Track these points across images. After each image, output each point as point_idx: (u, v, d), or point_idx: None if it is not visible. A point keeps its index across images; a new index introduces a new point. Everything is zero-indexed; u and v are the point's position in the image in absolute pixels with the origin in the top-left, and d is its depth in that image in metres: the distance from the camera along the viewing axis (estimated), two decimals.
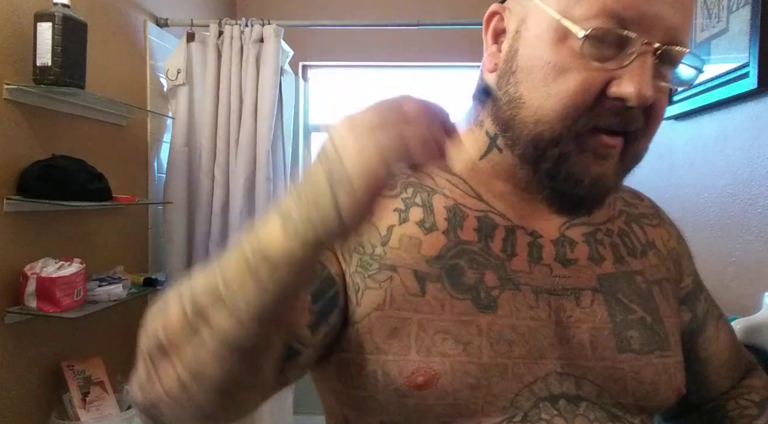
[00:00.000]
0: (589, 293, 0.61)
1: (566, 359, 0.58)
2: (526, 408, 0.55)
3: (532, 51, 0.55)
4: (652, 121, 0.56)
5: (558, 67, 0.53)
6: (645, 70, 0.52)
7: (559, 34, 0.53)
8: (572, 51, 0.53)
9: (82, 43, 1.55)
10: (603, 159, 0.55)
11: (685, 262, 0.72)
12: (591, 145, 0.54)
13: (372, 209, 0.42)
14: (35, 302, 1.47)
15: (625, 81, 0.52)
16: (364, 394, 0.56)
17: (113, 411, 1.60)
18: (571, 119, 0.53)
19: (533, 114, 0.55)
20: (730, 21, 1.27)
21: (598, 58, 0.52)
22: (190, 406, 0.48)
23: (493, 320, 0.56)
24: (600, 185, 0.56)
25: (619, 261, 0.64)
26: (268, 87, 2.15)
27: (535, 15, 0.56)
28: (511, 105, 0.57)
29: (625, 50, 0.52)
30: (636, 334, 0.60)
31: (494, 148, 0.62)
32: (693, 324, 0.71)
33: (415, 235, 0.59)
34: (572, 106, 0.53)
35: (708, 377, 0.73)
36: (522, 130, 0.56)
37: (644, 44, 0.52)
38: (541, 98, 0.54)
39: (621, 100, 0.52)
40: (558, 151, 0.55)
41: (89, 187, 1.60)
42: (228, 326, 0.45)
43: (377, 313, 0.56)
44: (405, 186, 0.63)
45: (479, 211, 0.62)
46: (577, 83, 0.53)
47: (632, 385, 0.58)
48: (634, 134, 0.55)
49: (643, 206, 0.73)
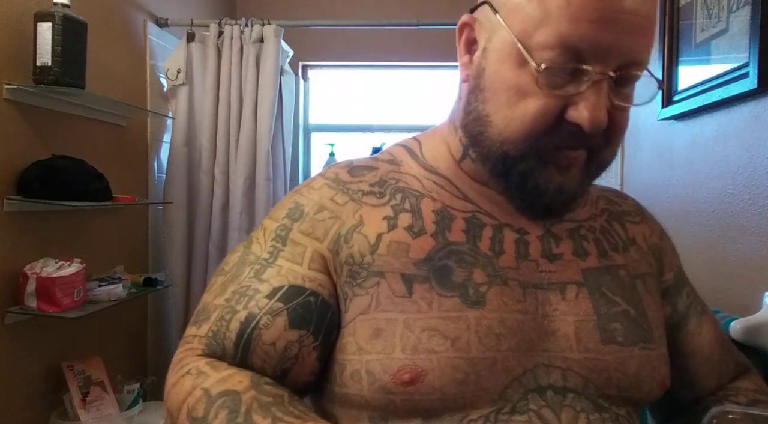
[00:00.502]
0: (574, 286, 0.62)
1: (552, 351, 0.59)
2: (515, 400, 0.56)
3: (497, 72, 0.58)
4: (613, 136, 0.58)
5: (520, 91, 0.56)
6: (600, 96, 0.54)
7: (520, 58, 0.55)
8: (532, 76, 0.55)
9: (82, 43, 1.55)
10: (566, 169, 0.59)
11: (666, 257, 0.74)
12: (554, 158, 0.58)
13: None
14: (35, 302, 1.47)
15: (580, 108, 0.54)
16: (349, 391, 0.58)
17: (113, 411, 1.60)
18: (533, 140, 0.56)
19: (499, 134, 0.58)
20: (730, 21, 1.27)
21: (554, 86, 0.55)
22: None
23: (482, 314, 0.58)
24: (564, 193, 0.60)
25: (602, 256, 0.66)
26: (268, 87, 2.15)
27: (500, 33, 0.58)
28: (480, 122, 0.60)
29: (581, 77, 0.54)
30: (619, 326, 0.62)
31: (467, 157, 0.65)
32: (674, 318, 0.73)
33: (404, 240, 0.61)
34: (533, 129, 0.56)
35: (692, 373, 0.74)
36: (490, 147, 0.59)
37: (598, 73, 0.54)
38: (505, 120, 0.57)
39: (576, 125, 0.55)
40: (522, 168, 0.58)
41: (89, 187, 1.60)
42: None
43: (362, 316, 0.58)
44: (394, 192, 0.64)
45: (467, 211, 0.64)
46: (536, 109, 0.55)
47: (616, 376, 0.60)
48: (596, 148, 0.58)
49: (626, 205, 0.75)
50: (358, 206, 0.63)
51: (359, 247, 0.60)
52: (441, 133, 0.69)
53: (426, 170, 0.66)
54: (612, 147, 0.60)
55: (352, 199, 0.64)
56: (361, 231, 0.61)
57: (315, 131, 2.97)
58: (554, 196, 0.59)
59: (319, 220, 0.63)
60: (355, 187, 0.65)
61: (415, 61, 2.86)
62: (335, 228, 0.62)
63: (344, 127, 2.94)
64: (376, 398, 0.56)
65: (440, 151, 0.67)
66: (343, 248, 0.61)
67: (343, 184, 0.65)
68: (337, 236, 0.62)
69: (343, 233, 0.61)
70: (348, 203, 0.63)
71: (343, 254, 0.61)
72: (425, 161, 0.67)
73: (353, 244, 0.61)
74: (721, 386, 0.75)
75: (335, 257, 0.61)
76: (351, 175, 0.67)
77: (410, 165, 0.67)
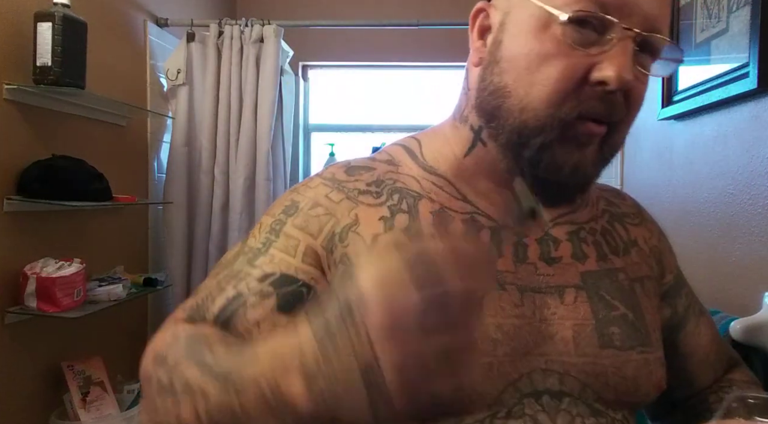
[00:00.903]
0: (572, 290, 0.62)
1: (550, 355, 0.59)
2: (510, 404, 0.56)
3: (515, 41, 0.57)
4: (631, 109, 0.58)
5: (541, 55, 0.55)
6: (625, 54, 0.54)
7: (542, 23, 0.55)
8: (555, 38, 0.54)
9: (82, 43, 1.55)
10: (583, 146, 0.57)
11: (666, 259, 0.74)
12: (575, 132, 0.56)
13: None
14: (35, 302, 1.47)
15: (605, 65, 0.53)
16: None
17: (113, 411, 1.60)
18: (555, 106, 0.55)
19: (519, 102, 0.56)
20: (730, 21, 1.27)
21: (579, 43, 0.54)
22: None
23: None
24: (580, 172, 0.58)
25: (602, 259, 0.65)
26: (268, 87, 2.15)
27: (519, 7, 0.58)
28: (496, 94, 0.58)
29: (606, 35, 0.54)
30: (618, 330, 0.61)
31: (478, 143, 0.63)
32: (673, 319, 0.73)
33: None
34: (556, 92, 0.54)
35: (690, 372, 0.74)
36: (507, 118, 0.58)
37: (624, 29, 0.53)
38: (525, 86, 0.56)
39: (602, 83, 0.54)
40: (541, 140, 0.56)
41: (89, 187, 1.60)
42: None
43: None
44: (391, 193, 0.63)
45: (465, 213, 0.63)
46: (559, 70, 0.54)
47: (614, 380, 0.59)
48: (615, 124, 0.57)
49: (625, 206, 0.74)
50: (353, 205, 0.62)
51: (355, 247, 0.60)
52: (442, 131, 0.68)
53: (425, 171, 0.66)
54: (628, 123, 0.59)
55: (347, 197, 0.63)
56: (356, 230, 0.60)
57: (315, 131, 2.97)
58: (569, 175, 0.57)
59: (312, 215, 0.62)
60: (352, 185, 0.64)
61: (415, 61, 2.86)
62: (329, 225, 0.61)
63: (344, 127, 2.94)
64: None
65: (441, 151, 0.66)
66: (337, 247, 0.60)
67: (339, 183, 0.65)
68: (331, 234, 0.61)
69: (338, 232, 0.61)
70: (343, 201, 0.63)
71: (337, 252, 0.60)
72: (424, 162, 0.66)
73: (348, 243, 0.60)
74: (715, 379, 0.76)
75: (329, 255, 0.60)
76: (347, 175, 0.66)
77: (409, 166, 0.67)
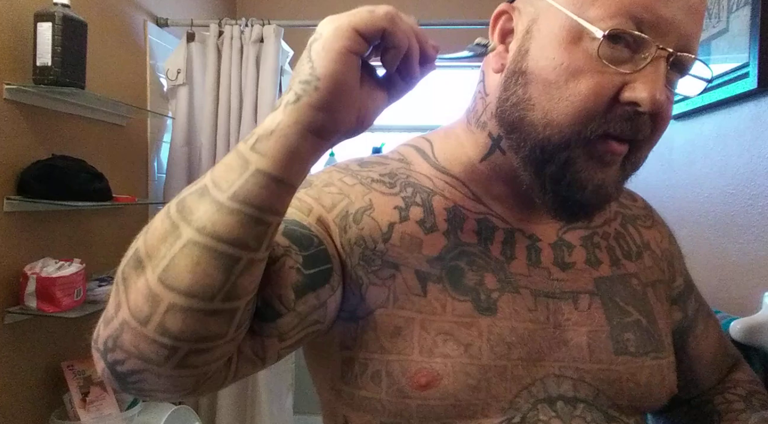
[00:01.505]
0: (586, 296, 0.61)
1: (564, 361, 0.58)
2: (525, 410, 0.55)
3: (543, 52, 0.54)
4: (657, 129, 0.55)
5: (571, 70, 0.52)
6: (658, 75, 0.51)
7: (573, 35, 0.52)
8: (586, 53, 0.52)
9: (82, 43, 1.55)
10: (607, 166, 0.55)
11: (677, 262, 0.73)
12: (598, 151, 0.53)
13: (340, 68, 0.44)
14: (35, 302, 1.47)
15: (639, 85, 0.51)
16: (367, 394, 0.56)
17: (113, 411, 1.60)
18: (581, 124, 0.52)
19: (543, 117, 0.54)
20: (730, 21, 1.27)
21: (612, 60, 0.51)
22: (152, 331, 0.43)
23: (493, 322, 0.56)
24: (602, 192, 0.55)
25: (615, 264, 0.65)
26: (268, 87, 2.15)
27: (548, 15, 0.55)
28: (519, 106, 0.55)
29: (640, 54, 0.51)
30: (632, 336, 0.61)
31: (497, 151, 0.61)
32: (684, 323, 0.72)
33: (416, 234, 0.59)
34: (584, 110, 0.52)
35: (697, 374, 0.75)
36: (530, 132, 0.55)
37: (659, 49, 0.51)
38: (552, 101, 0.53)
39: (634, 104, 0.51)
40: (565, 156, 0.54)
41: (89, 187, 1.60)
42: (207, 212, 0.43)
43: (381, 310, 0.56)
44: (404, 185, 0.62)
45: (478, 213, 0.62)
46: (589, 87, 0.52)
47: (628, 386, 0.59)
48: (639, 143, 0.55)
49: (636, 208, 0.73)
50: (367, 190, 0.61)
51: (371, 231, 0.58)
52: (455, 133, 0.66)
53: (437, 171, 0.64)
54: (652, 143, 0.57)
55: (361, 183, 0.62)
56: (371, 215, 0.59)
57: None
58: (592, 195, 0.55)
59: (326, 192, 0.61)
60: (365, 174, 0.63)
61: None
62: (343, 203, 0.60)
63: None
64: (392, 402, 0.55)
65: (455, 154, 0.64)
66: (352, 227, 0.58)
67: (352, 171, 0.63)
68: (345, 213, 0.59)
69: (352, 212, 0.59)
70: (357, 185, 0.61)
71: (352, 233, 0.58)
72: (437, 162, 0.65)
73: (364, 226, 0.58)
74: (719, 379, 0.77)
75: (343, 233, 0.58)
76: (360, 166, 0.65)
77: (421, 165, 0.65)
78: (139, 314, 0.43)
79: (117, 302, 0.44)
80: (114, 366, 0.45)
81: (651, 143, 0.57)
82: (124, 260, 0.46)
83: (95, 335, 0.46)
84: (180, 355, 0.44)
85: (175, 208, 0.45)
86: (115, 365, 0.45)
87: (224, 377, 0.49)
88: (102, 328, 0.45)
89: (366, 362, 0.56)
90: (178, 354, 0.44)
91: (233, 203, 0.43)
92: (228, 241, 0.43)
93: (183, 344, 0.43)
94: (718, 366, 0.76)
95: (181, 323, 0.43)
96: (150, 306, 0.42)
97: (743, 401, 0.72)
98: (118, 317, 0.44)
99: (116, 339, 0.44)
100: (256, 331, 0.50)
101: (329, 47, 0.44)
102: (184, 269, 0.42)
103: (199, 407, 2.17)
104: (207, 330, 0.44)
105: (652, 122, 0.54)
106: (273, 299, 0.50)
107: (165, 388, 0.46)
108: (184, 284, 0.42)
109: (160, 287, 0.42)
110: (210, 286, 0.43)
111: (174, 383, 0.46)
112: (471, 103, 0.65)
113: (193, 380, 0.46)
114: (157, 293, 0.42)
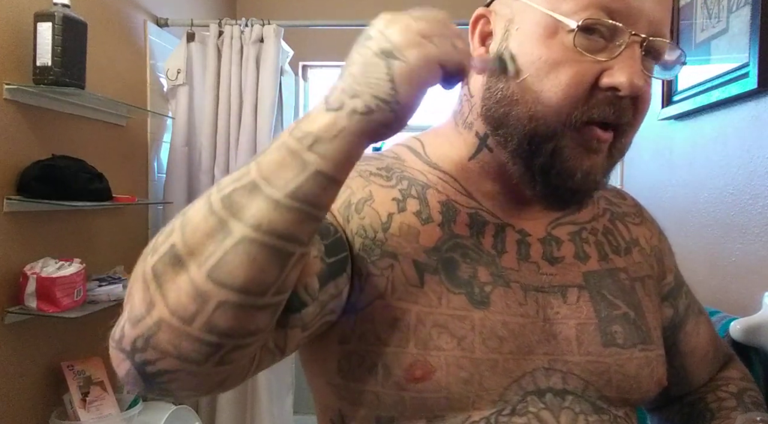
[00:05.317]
0: (575, 290, 0.63)
1: (553, 354, 0.59)
2: (515, 402, 0.57)
3: (522, 48, 0.57)
4: (638, 113, 0.58)
5: (550, 62, 0.55)
6: (634, 59, 0.54)
7: (549, 30, 0.55)
8: (563, 46, 0.55)
9: (82, 43, 1.55)
10: (594, 153, 0.57)
11: (666, 259, 0.74)
12: (585, 139, 0.56)
13: (419, 99, 0.46)
14: (35, 302, 1.47)
15: (616, 71, 0.54)
16: (363, 388, 0.57)
17: (113, 411, 1.60)
18: (565, 113, 0.55)
19: (528, 110, 0.56)
20: (730, 21, 1.27)
21: (589, 50, 0.54)
22: (198, 329, 0.42)
23: (485, 315, 0.58)
24: (590, 178, 0.58)
25: (603, 259, 0.66)
26: (268, 87, 2.15)
27: (523, 14, 0.57)
28: (503, 103, 0.58)
29: (614, 42, 0.54)
30: (620, 329, 0.62)
31: (484, 149, 0.63)
32: (675, 319, 0.73)
33: (414, 224, 0.60)
34: (566, 98, 0.54)
35: (689, 370, 0.76)
36: (516, 126, 0.57)
37: (632, 35, 0.54)
38: (534, 94, 0.56)
39: (613, 89, 0.54)
40: (553, 146, 0.56)
41: (89, 187, 1.60)
42: (262, 209, 0.43)
43: (379, 301, 0.57)
44: (400, 179, 0.64)
45: (470, 208, 0.63)
46: (570, 76, 0.54)
47: (616, 378, 0.60)
48: (623, 128, 0.57)
49: (625, 205, 0.75)
50: (366, 182, 0.62)
51: (371, 221, 0.60)
52: (444, 134, 0.68)
53: (430, 167, 0.66)
54: (635, 127, 0.59)
55: (360, 175, 0.63)
56: (372, 205, 0.61)
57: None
58: (581, 182, 0.57)
59: None
60: (363, 167, 0.64)
61: None
62: (346, 194, 0.61)
63: None
64: (388, 394, 0.56)
65: (445, 153, 0.66)
66: (354, 217, 0.60)
67: None
68: (348, 203, 0.61)
69: (354, 202, 0.61)
70: (356, 178, 0.63)
71: (354, 223, 0.59)
72: (429, 159, 0.67)
73: (365, 216, 0.60)
74: (711, 377, 0.78)
75: (346, 223, 0.60)
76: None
77: (414, 162, 0.67)
78: (183, 312, 0.42)
79: (149, 300, 0.44)
80: (144, 367, 0.44)
81: (634, 128, 0.59)
82: (150, 257, 0.46)
83: (117, 335, 0.45)
84: (222, 352, 0.44)
85: (220, 204, 0.44)
86: (145, 365, 0.44)
87: (247, 371, 0.50)
88: (128, 328, 0.44)
89: (363, 355, 0.57)
90: (220, 352, 0.44)
91: (291, 201, 0.43)
92: (284, 237, 0.43)
93: (229, 340, 0.44)
94: (709, 363, 0.77)
95: (232, 319, 0.43)
96: (197, 304, 0.42)
97: (734, 398, 0.73)
98: (152, 315, 0.43)
99: (149, 339, 0.43)
100: (281, 322, 0.50)
101: (416, 80, 0.45)
102: (239, 266, 0.42)
103: (199, 407, 2.17)
104: (255, 325, 0.45)
105: (633, 106, 0.56)
106: (299, 288, 0.51)
107: (194, 386, 0.47)
108: (238, 281, 0.42)
109: (210, 284, 0.42)
110: (264, 281, 0.43)
111: (206, 380, 0.46)
112: (457, 106, 0.67)
113: (224, 377, 0.47)
114: (205, 291, 0.42)
